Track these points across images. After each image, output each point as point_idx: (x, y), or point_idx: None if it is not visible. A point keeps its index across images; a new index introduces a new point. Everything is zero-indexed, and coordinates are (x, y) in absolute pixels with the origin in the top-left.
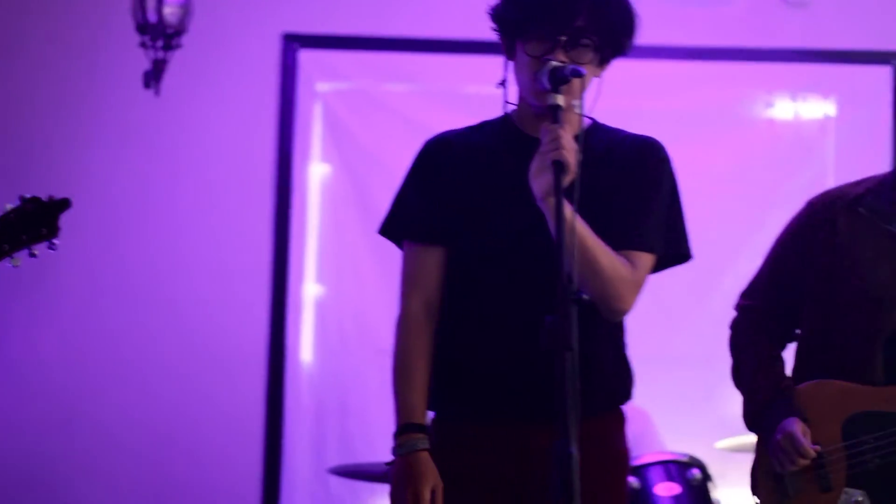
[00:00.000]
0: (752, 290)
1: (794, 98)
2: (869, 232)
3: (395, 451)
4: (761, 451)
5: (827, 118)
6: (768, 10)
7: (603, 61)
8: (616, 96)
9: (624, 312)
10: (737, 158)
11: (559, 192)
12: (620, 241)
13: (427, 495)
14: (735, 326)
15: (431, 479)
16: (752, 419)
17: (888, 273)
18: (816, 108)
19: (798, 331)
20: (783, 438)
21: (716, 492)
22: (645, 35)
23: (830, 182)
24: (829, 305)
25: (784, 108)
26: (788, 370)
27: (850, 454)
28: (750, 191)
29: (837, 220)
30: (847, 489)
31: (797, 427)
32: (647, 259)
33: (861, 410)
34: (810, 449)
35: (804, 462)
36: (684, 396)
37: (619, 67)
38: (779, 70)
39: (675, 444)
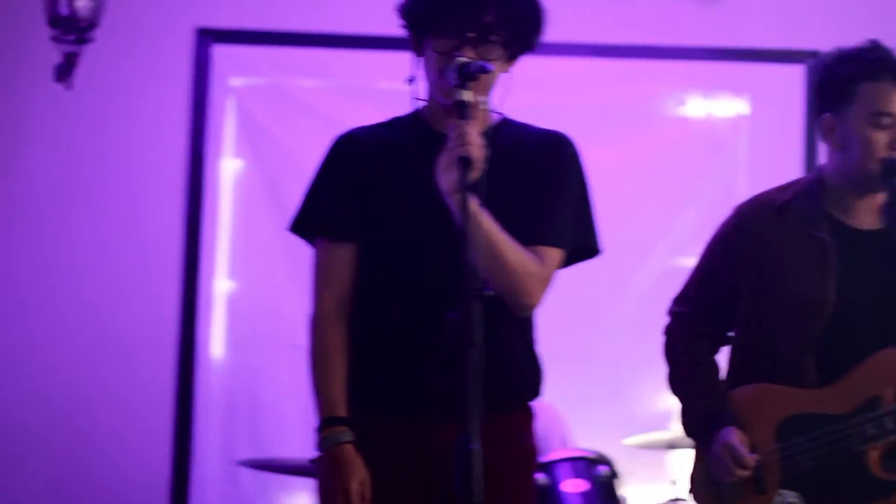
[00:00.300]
0: (684, 296)
1: (707, 96)
2: (796, 238)
3: (319, 445)
4: (700, 456)
5: (739, 116)
6: (682, 7)
7: (511, 57)
8: (529, 93)
9: (532, 307)
10: (649, 156)
11: (464, 188)
12: (529, 237)
13: (355, 488)
14: (669, 333)
15: (359, 472)
16: (690, 427)
17: (816, 278)
18: (729, 107)
19: (731, 334)
20: (722, 449)
21: (623, 488)
22: (558, 32)
23: (742, 180)
24: (759, 311)
25: (697, 106)
26: (723, 373)
27: (784, 456)
28: (662, 188)
29: (765, 226)
30: (781, 490)
31: (735, 437)
32: (555, 254)
33: (794, 413)
34: (749, 459)
35: (743, 473)
36: (593, 393)
37: (533, 64)
38: (692, 68)
39: (584, 440)
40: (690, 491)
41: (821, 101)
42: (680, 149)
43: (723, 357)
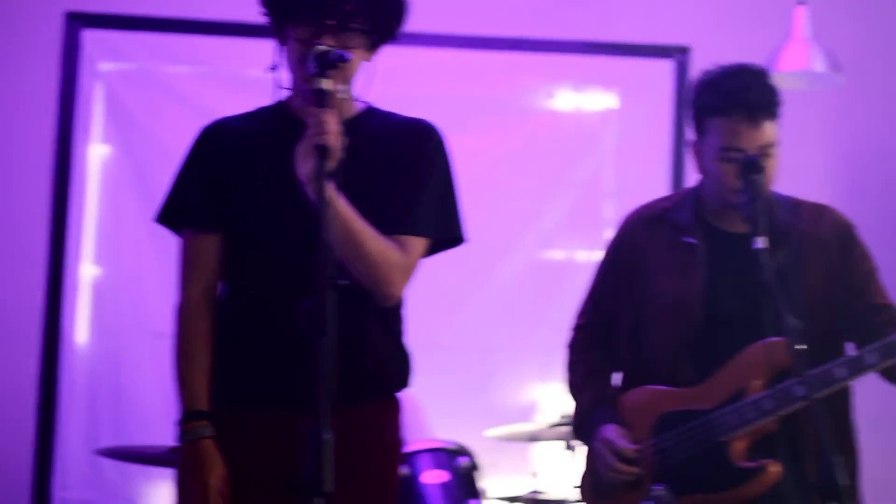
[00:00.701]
0: (582, 308)
1: (576, 90)
2: (670, 244)
3: (180, 438)
4: (587, 456)
5: (608, 110)
6: (553, 1)
7: (373, 46)
8: (399, 83)
9: (394, 297)
10: (518, 148)
11: (321, 176)
12: (392, 226)
13: (214, 483)
14: (569, 346)
15: (217, 468)
16: (577, 428)
17: (685, 281)
18: (598, 101)
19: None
20: (602, 444)
21: (484, 480)
22: (428, 22)
23: (610, 174)
24: (640, 317)
25: (566, 100)
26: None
27: (658, 451)
28: (531, 181)
29: (643, 235)
30: (653, 485)
31: (613, 432)
32: (418, 243)
33: (669, 411)
34: (628, 447)
35: (625, 467)
36: (457, 384)
37: (404, 54)
38: (562, 61)
39: (445, 432)
40: (577, 486)
41: (692, 125)
42: (549, 142)
43: None
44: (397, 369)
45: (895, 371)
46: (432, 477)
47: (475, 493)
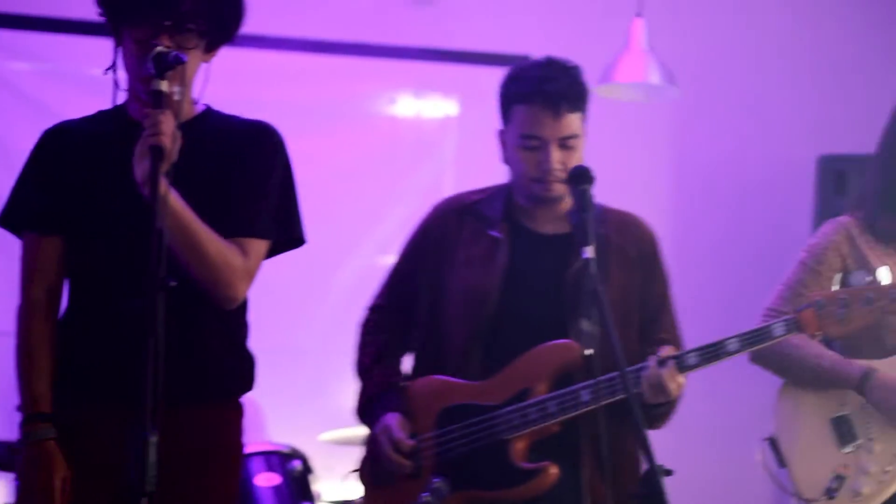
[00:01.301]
0: (380, 290)
1: (417, 96)
2: (474, 236)
3: (22, 439)
4: (369, 441)
5: (448, 117)
6: (394, 7)
7: (210, 47)
8: (241, 86)
9: (234, 300)
10: (359, 153)
11: (156, 177)
12: (231, 228)
13: (58, 484)
14: (363, 325)
15: (60, 469)
16: (361, 412)
17: (484, 274)
18: (438, 107)
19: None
20: (381, 432)
21: (317, 483)
22: (270, 25)
23: (450, 180)
24: (436, 305)
25: (407, 106)
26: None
27: (440, 443)
28: (371, 186)
29: (450, 224)
30: (432, 476)
31: (394, 421)
32: (258, 245)
33: (455, 403)
34: (406, 443)
35: (399, 458)
36: (294, 387)
37: (246, 57)
38: (403, 67)
39: (280, 435)
40: (356, 470)
41: (499, 114)
42: (389, 147)
43: None
44: (237, 372)
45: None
46: (265, 480)
47: (308, 496)
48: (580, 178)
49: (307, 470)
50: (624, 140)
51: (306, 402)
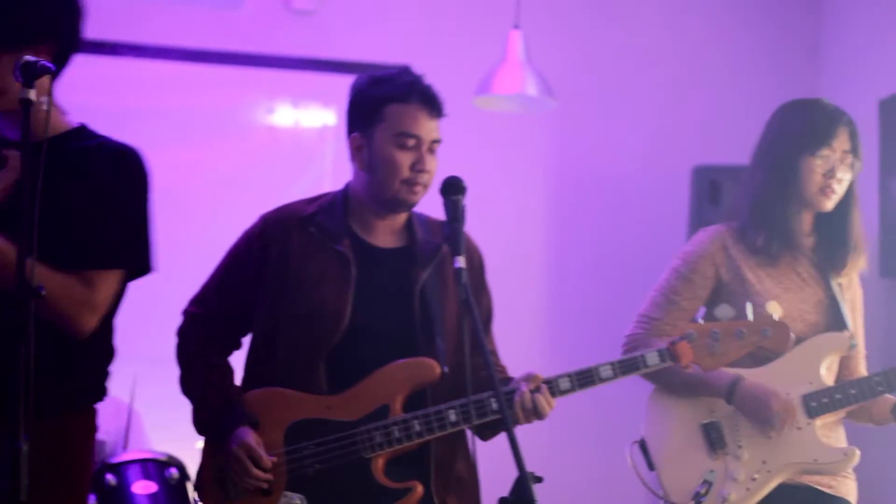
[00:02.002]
0: (202, 297)
1: (295, 105)
2: (317, 250)
3: None
4: (209, 453)
5: (326, 127)
6: (273, 16)
7: (60, 57)
8: (121, 94)
9: (83, 334)
10: (238, 162)
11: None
12: (76, 259)
13: None
14: (183, 334)
15: None
16: (203, 425)
17: (335, 290)
18: (316, 117)
19: (245, 339)
20: (239, 448)
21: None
22: (149, 34)
23: (328, 188)
24: (278, 318)
25: (285, 115)
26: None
27: (290, 459)
28: (250, 195)
29: (290, 237)
30: (286, 493)
31: (252, 437)
32: (108, 277)
33: (304, 418)
34: (266, 460)
35: (259, 474)
36: (170, 395)
37: (125, 65)
38: (281, 77)
39: (160, 443)
40: (196, 487)
41: (351, 120)
42: (268, 156)
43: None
44: (85, 383)
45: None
46: (142, 487)
47: (186, 503)
48: (453, 188)
49: (184, 477)
50: (501, 151)
51: (184, 409)
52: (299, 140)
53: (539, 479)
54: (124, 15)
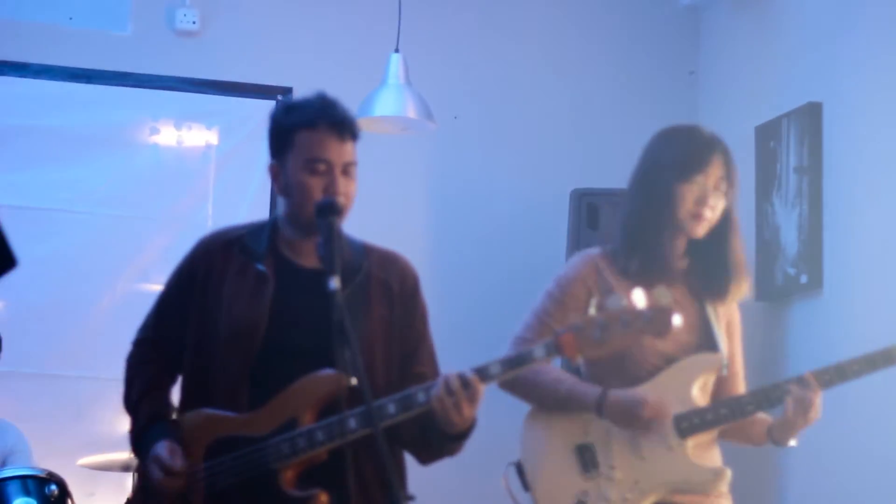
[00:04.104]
0: (145, 323)
1: (178, 126)
2: (241, 270)
3: None
4: (140, 473)
5: (209, 146)
6: (158, 37)
7: None
8: (3, 113)
9: None
10: (121, 181)
11: None
12: None
13: None
14: (129, 359)
15: None
16: (134, 443)
17: (251, 308)
18: (200, 137)
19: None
20: (152, 461)
21: None
22: (33, 53)
23: (209, 209)
24: (205, 338)
25: (168, 135)
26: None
27: (208, 475)
28: (133, 214)
29: (215, 258)
30: None
31: (164, 450)
32: None
33: (222, 435)
34: (174, 465)
35: (173, 481)
36: (56, 412)
37: (7, 84)
38: (165, 97)
39: (43, 460)
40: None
41: (270, 148)
42: (151, 176)
43: None
44: None
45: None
46: None
47: None
48: (327, 209)
49: (65, 494)
50: (381, 173)
51: (66, 426)
52: (182, 160)
53: (411, 498)
54: (7, 33)
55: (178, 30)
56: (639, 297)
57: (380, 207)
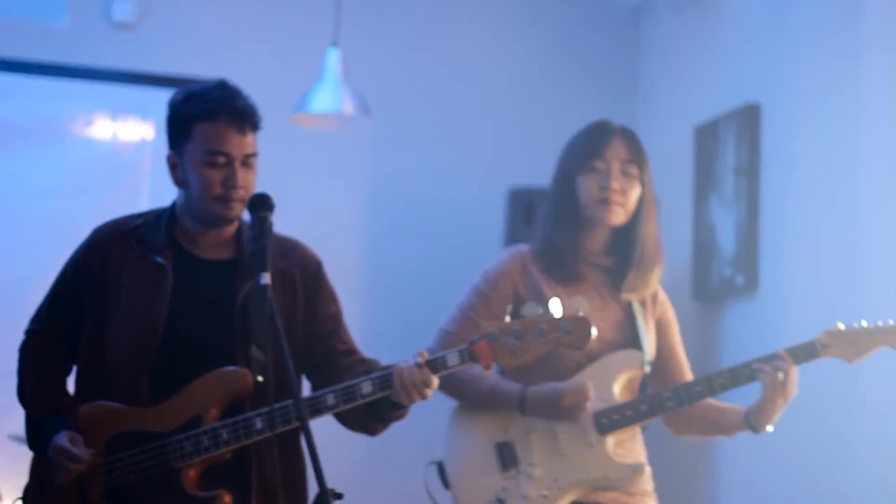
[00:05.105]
0: (37, 313)
1: (114, 118)
2: (138, 262)
3: None
4: (35, 469)
5: (144, 141)
6: (93, 29)
7: None
8: None
9: None
10: (55, 174)
11: None
12: None
13: None
14: (22, 350)
15: None
16: (30, 436)
17: (150, 301)
18: (135, 130)
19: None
20: (55, 451)
21: None
22: None
23: (144, 204)
24: (101, 330)
25: (104, 128)
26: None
27: (109, 470)
28: (68, 207)
29: (112, 249)
30: None
31: (65, 440)
32: None
33: (123, 430)
34: (82, 455)
35: (79, 468)
36: None
37: None
38: (100, 89)
39: None
40: (24, 501)
41: (168, 137)
42: (86, 169)
43: None
44: None
45: (353, 415)
46: None
47: None
48: (260, 205)
49: None
50: (318, 169)
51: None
52: (117, 153)
53: (339, 496)
54: None
55: (116, 22)
56: (556, 307)
57: (316, 204)
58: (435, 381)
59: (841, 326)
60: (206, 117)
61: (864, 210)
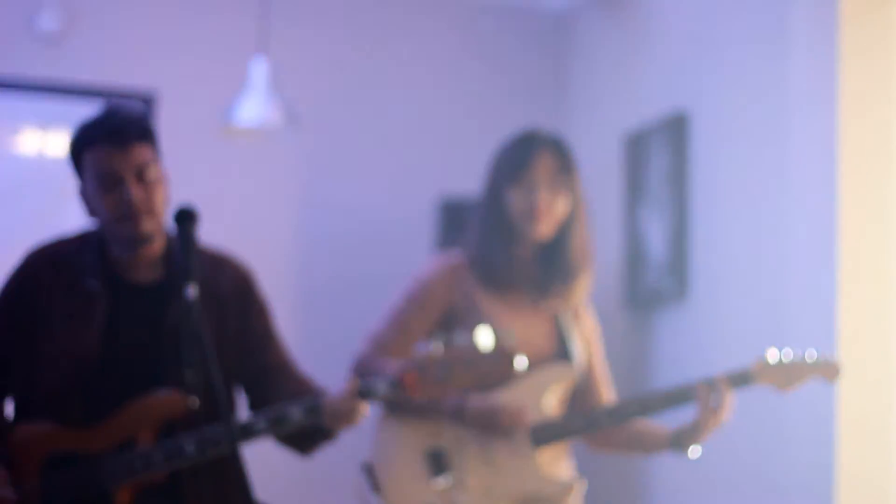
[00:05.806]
0: None
1: (41, 132)
2: (68, 287)
3: None
4: None
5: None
6: (18, 41)
7: None
8: None
9: None
10: None
11: None
12: None
13: None
14: None
15: None
16: None
17: (82, 327)
18: (63, 144)
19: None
20: None
21: None
22: None
23: (74, 219)
24: (32, 356)
25: (30, 141)
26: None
27: (43, 492)
28: None
29: (42, 274)
30: None
31: None
32: None
33: (59, 450)
34: (7, 495)
35: (8, 503)
36: None
37: None
38: (27, 103)
39: None
40: None
41: (74, 173)
42: (10, 184)
43: None
44: None
45: (284, 437)
46: None
47: None
48: (184, 217)
49: None
50: (246, 180)
51: None
52: (44, 167)
53: None
54: None
55: (41, 31)
56: (484, 337)
57: (247, 214)
58: (364, 409)
59: (770, 358)
60: (88, 144)
61: (791, 216)
